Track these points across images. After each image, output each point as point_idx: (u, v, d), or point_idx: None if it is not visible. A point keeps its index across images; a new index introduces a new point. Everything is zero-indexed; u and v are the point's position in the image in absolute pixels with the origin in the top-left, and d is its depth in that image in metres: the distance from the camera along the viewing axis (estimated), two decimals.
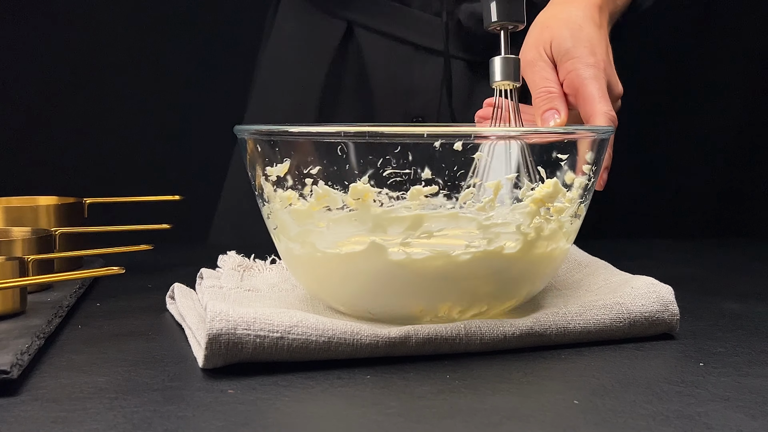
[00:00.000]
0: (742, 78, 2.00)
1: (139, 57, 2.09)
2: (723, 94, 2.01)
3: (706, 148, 2.03)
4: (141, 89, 2.10)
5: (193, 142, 2.10)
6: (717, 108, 2.02)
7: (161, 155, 2.09)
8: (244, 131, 0.87)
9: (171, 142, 2.10)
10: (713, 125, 2.02)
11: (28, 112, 2.07)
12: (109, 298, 1.04)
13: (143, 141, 2.10)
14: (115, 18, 2.09)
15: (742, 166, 2.03)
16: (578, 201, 0.86)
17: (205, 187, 1.70)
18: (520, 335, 0.83)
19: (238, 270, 1.01)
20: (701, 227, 2.04)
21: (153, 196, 1.27)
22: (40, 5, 2.05)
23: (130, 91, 2.10)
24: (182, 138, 2.11)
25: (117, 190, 1.30)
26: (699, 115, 2.02)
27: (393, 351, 0.79)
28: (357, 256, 0.82)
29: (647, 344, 0.86)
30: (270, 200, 0.87)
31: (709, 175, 2.04)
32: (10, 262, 0.93)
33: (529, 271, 0.85)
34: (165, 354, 0.82)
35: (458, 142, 0.80)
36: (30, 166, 2.04)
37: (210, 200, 1.64)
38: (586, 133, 0.85)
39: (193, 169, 2.07)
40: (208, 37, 2.09)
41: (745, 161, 2.02)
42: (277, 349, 0.77)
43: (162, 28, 2.09)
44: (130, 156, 2.10)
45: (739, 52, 1.99)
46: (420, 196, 0.82)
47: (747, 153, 2.02)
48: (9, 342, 0.79)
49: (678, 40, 2.01)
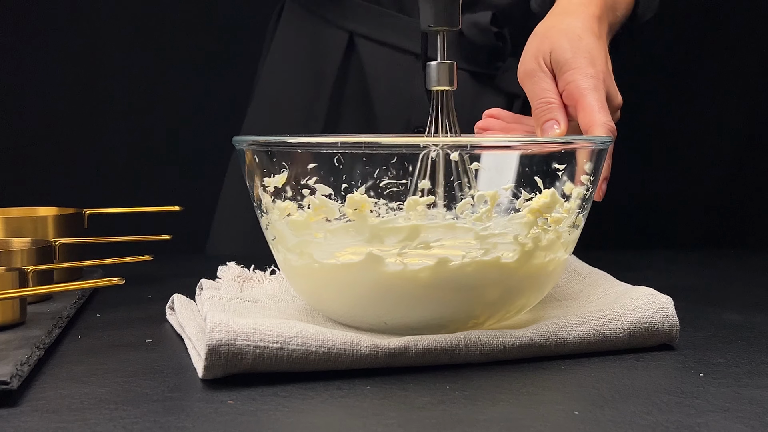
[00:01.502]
0: (742, 90, 2.00)
1: (138, 67, 2.10)
2: (722, 105, 2.01)
3: (706, 159, 2.03)
4: (140, 100, 2.10)
5: (192, 152, 2.10)
6: (716, 119, 2.02)
7: (161, 165, 2.10)
8: (242, 142, 0.87)
9: (171, 153, 2.11)
10: (712, 136, 2.02)
11: (28, 122, 2.07)
12: (109, 309, 1.04)
13: (143, 151, 2.10)
14: (114, 29, 2.09)
15: (741, 176, 2.03)
16: (576, 211, 0.87)
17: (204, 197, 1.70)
18: (519, 346, 0.82)
19: (237, 281, 1.01)
20: (701, 238, 2.04)
21: (153, 206, 1.27)
22: (41, 17, 2.06)
23: (129, 101, 2.10)
24: (182, 148, 2.11)
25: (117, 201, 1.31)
26: (698, 126, 2.02)
27: (393, 362, 0.79)
28: (354, 266, 0.82)
29: (647, 355, 0.86)
30: (268, 211, 0.87)
31: (709, 186, 2.04)
32: (10, 273, 0.93)
33: (528, 282, 0.85)
34: (165, 365, 0.82)
35: (455, 152, 0.80)
36: (30, 176, 2.05)
37: (210, 211, 1.64)
38: (585, 144, 0.86)
39: (192, 180, 2.07)
40: (208, 47, 2.10)
41: (744, 172, 2.03)
42: (277, 360, 0.77)
43: (162, 38, 2.09)
44: (129, 166, 2.10)
45: (739, 65, 2.00)
46: (417, 206, 0.82)
47: (746, 164, 2.03)
48: (9, 353, 0.79)
49: (677, 51, 2.01)
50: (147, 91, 2.10)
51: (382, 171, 0.81)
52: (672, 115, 2.01)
